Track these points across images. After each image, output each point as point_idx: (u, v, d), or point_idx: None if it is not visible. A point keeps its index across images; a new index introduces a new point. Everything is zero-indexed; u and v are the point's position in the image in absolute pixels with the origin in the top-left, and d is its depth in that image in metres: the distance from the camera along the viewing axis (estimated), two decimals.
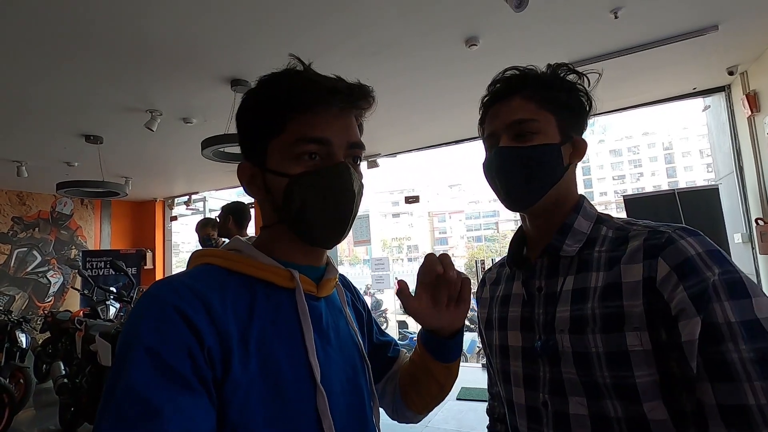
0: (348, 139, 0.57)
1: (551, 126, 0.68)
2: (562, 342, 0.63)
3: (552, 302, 0.67)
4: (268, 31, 2.31)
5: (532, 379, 0.68)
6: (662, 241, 0.59)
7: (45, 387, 4.76)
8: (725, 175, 3.66)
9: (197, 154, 3.27)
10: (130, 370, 0.44)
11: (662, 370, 0.57)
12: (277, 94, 0.57)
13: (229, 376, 0.48)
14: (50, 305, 6.22)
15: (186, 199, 7.02)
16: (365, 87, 0.58)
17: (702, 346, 0.53)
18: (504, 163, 0.68)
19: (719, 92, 3.55)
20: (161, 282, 0.52)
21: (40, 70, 2.61)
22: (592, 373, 0.60)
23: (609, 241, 0.66)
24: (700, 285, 0.55)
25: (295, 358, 0.54)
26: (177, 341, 0.46)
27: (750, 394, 0.49)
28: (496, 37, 2.50)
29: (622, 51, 2.73)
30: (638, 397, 0.57)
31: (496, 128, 0.70)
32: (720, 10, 2.35)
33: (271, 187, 0.57)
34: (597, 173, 67.52)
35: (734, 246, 3.48)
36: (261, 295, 0.55)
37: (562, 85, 0.70)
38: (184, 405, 0.44)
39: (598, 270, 0.64)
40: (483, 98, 0.74)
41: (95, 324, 3.45)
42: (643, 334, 0.57)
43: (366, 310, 0.77)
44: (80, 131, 3.75)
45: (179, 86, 2.95)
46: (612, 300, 0.60)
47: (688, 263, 0.56)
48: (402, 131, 4.18)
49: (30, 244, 6.17)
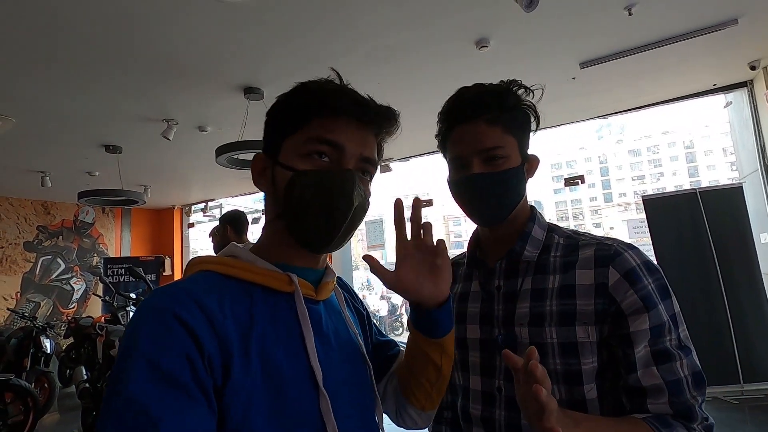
0: (362, 151, 0.58)
1: (514, 149, 0.75)
2: (521, 334, 0.74)
3: (511, 300, 0.77)
4: (281, 40, 2.34)
5: (489, 367, 0.77)
6: (611, 253, 0.71)
7: (68, 391, 4.88)
8: (750, 173, 3.54)
9: (212, 161, 3.32)
10: (129, 380, 0.44)
11: (600, 358, 0.70)
12: (307, 96, 0.59)
13: (229, 381, 0.48)
14: (73, 311, 6.39)
15: (203, 206, 7.14)
16: (392, 110, 0.61)
17: (651, 339, 0.67)
18: (478, 188, 0.75)
19: (741, 88, 3.45)
20: (160, 290, 0.52)
21: (67, 85, 2.71)
22: (545, 361, 0.70)
23: (561, 248, 0.77)
24: (644, 290, 0.68)
25: (297, 362, 0.54)
26: (176, 349, 0.46)
27: (680, 369, 0.66)
28: (506, 38, 2.48)
29: (637, 48, 2.68)
30: (581, 381, 0.69)
31: (464, 152, 0.75)
32: (739, 3, 2.29)
33: (276, 180, 0.58)
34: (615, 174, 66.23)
35: (760, 246, 3.36)
36: (260, 299, 0.55)
37: (518, 104, 0.76)
38: (182, 414, 0.44)
39: (554, 273, 0.75)
40: (440, 114, 0.79)
41: (116, 329, 3.53)
42: (590, 329, 0.69)
43: (365, 311, 0.77)
44: (101, 142, 3.86)
45: (195, 96, 3.01)
46: (567, 299, 0.72)
47: (634, 272, 0.69)
48: (414, 135, 4.18)
49: (54, 252, 6.36)
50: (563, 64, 2.85)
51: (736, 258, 3.36)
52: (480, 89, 0.76)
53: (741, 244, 3.37)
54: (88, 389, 3.43)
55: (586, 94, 3.44)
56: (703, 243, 3.42)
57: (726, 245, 3.38)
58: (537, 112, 0.78)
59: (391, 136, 0.64)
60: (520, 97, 0.76)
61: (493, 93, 0.74)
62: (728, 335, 3.28)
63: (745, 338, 3.28)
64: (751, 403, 3.16)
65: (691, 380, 0.66)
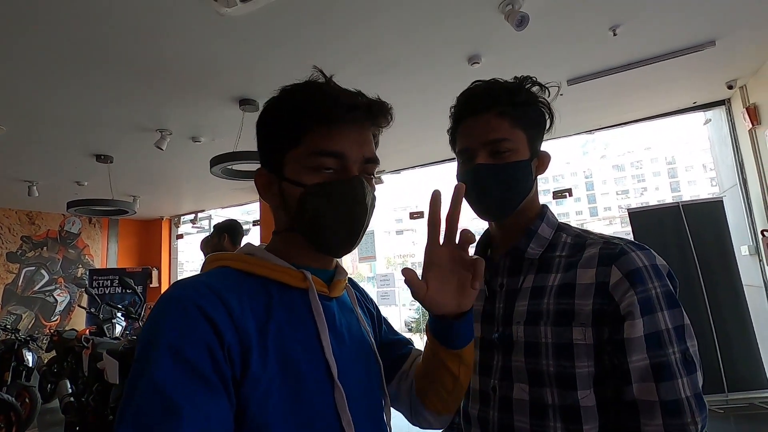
0: (363, 154, 0.59)
1: (523, 143, 0.73)
2: (517, 332, 0.71)
3: (512, 297, 0.75)
4: (277, 52, 2.39)
5: (486, 366, 0.75)
6: (616, 252, 0.67)
7: (49, 407, 4.73)
8: (729, 187, 3.67)
9: (205, 172, 3.33)
10: (153, 367, 0.45)
11: (597, 363, 0.65)
12: (296, 105, 0.59)
13: (248, 373, 0.49)
14: (56, 324, 6.22)
15: (192, 217, 7.08)
16: (384, 104, 0.60)
17: (649, 350, 0.62)
18: (483, 180, 0.73)
19: (720, 106, 3.59)
20: (180, 282, 0.53)
21: (55, 90, 2.70)
22: (539, 361, 0.68)
23: (568, 247, 0.74)
24: (646, 293, 0.64)
25: (312, 356, 0.55)
26: (198, 338, 0.47)
27: (681, 388, 0.60)
28: (498, 55, 2.57)
29: (622, 67, 2.79)
30: (575, 385, 0.65)
31: (472, 144, 0.74)
32: (717, 26, 2.41)
33: (286, 194, 0.59)
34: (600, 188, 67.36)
35: (741, 258, 3.46)
36: (276, 295, 0.56)
37: (529, 100, 0.75)
38: (203, 404, 0.44)
39: (557, 272, 0.72)
40: (452, 108, 0.78)
41: (102, 341, 3.46)
42: (587, 330, 0.65)
43: (375, 310, 0.78)
44: (91, 151, 3.83)
45: (189, 106, 3.02)
46: (565, 298, 0.68)
47: (638, 273, 0.65)
48: (406, 148, 4.24)
49: (38, 263, 6.21)
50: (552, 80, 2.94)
51: (718, 269, 3.46)
52: (492, 84, 0.75)
53: (722, 255, 3.48)
54: (72, 404, 3.34)
55: (573, 111, 3.55)
56: (686, 255, 3.52)
57: (708, 257, 3.49)
58: (551, 109, 0.77)
59: (387, 127, 0.63)
60: (534, 94, 0.75)
61: (505, 88, 0.74)
62: (712, 345, 3.35)
63: (729, 348, 3.36)
64: (736, 412, 3.22)
65: (694, 402, 0.60)
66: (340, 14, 2.10)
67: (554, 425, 0.66)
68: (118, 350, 2.96)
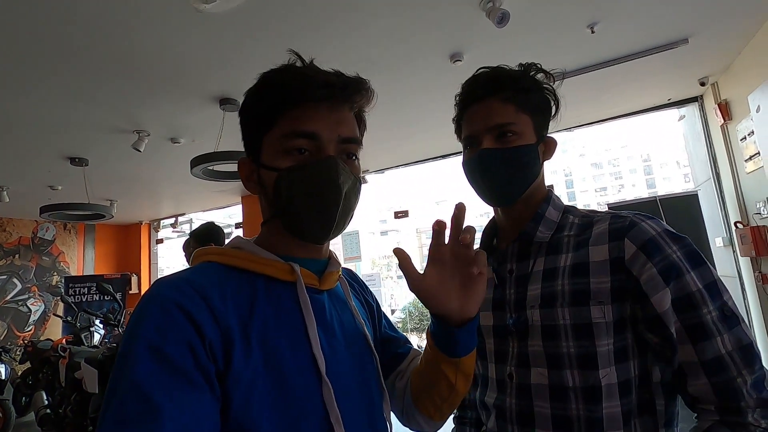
0: (339, 133, 0.57)
1: (529, 128, 0.73)
2: (532, 317, 0.70)
3: (523, 283, 0.73)
4: (258, 50, 2.35)
5: (502, 353, 0.74)
6: (626, 224, 0.67)
7: (24, 421, 4.55)
8: (703, 181, 3.78)
9: (185, 174, 3.25)
10: (133, 367, 0.44)
11: (618, 340, 0.65)
12: (270, 88, 0.58)
13: (231, 369, 0.48)
14: (30, 334, 6.00)
15: (173, 221, 6.92)
16: (361, 81, 0.58)
17: (679, 313, 0.61)
18: (488, 164, 0.72)
19: (693, 102, 3.70)
20: (161, 280, 0.52)
21: (21, 90, 2.59)
22: (558, 344, 0.67)
23: (576, 227, 0.73)
24: (665, 261, 0.63)
25: (299, 351, 0.54)
26: (178, 336, 0.46)
27: (721, 345, 0.59)
28: (479, 52, 2.58)
29: (599, 64, 2.85)
30: (596, 364, 0.64)
31: (477, 130, 0.73)
32: (690, 25, 2.48)
33: (263, 181, 0.58)
34: (580, 186, 68.82)
35: (716, 250, 3.57)
36: (262, 289, 0.55)
37: (534, 86, 0.74)
38: (185, 402, 0.44)
39: (567, 252, 0.71)
40: (458, 96, 0.78)
41: (80, 350, 3.35)
42: (606, 308, 0.65)
43: (374, 303, 0.76)
44: (65, 153, 3.70)
45: (167, 105, 2.95)
46: (580, 277, 0.67)
47: (652, 242, 0.64)
48: (390, 147, 4.24)
49: (9, 271, 5.98)
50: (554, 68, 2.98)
51: None
52: (497, 70, 0.75)
53: (698, 247, 3.57)
54: (49, 415, 3.23)
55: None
56: None
57: None
58: (557, 95, 0.76)
59: (369, 105, 0.61)
60: (538, 81, 0.74)
61: (509, 74, 0.73)
62: None
63: None
64: None
65: (738, 356, 0.59)
66: (321, 13, 2.07)
67: (576, 407, 0.66)
68: (96, 358, 2.87)
